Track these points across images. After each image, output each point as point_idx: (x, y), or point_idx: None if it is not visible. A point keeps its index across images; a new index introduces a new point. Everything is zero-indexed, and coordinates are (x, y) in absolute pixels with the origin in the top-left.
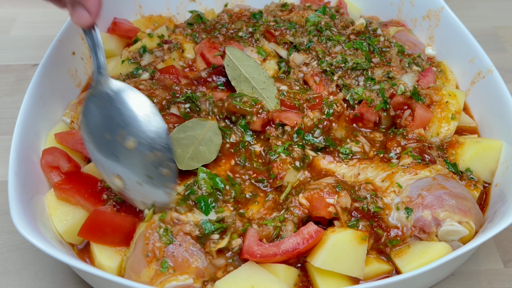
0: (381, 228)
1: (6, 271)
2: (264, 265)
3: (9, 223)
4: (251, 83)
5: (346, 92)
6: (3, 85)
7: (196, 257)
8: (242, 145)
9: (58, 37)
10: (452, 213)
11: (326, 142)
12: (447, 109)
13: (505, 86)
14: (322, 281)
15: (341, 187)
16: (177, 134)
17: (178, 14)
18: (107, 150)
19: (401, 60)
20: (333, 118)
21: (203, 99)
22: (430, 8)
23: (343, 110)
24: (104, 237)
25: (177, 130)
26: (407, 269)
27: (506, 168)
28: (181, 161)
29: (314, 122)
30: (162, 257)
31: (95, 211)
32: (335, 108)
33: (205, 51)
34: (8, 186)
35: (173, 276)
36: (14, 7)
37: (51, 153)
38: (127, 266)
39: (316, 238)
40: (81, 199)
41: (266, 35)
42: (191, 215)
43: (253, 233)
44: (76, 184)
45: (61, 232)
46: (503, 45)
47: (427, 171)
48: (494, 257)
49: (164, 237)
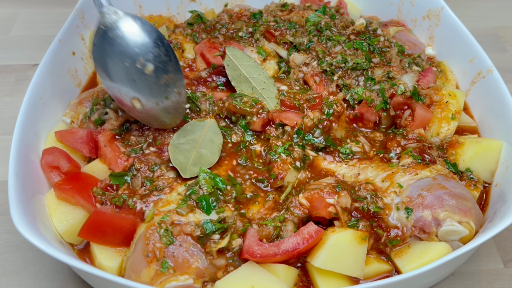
0: (381, 228)
1: (6, 271)
2: (264, 265)
3: (9, 223)
4: (251, 83)
5: (346, 92)
6: (3, 85)
7: (197, 258)
8: (243, 145)
9: (58, 37)
10: (452, 213)
11: (326, 142)
12: (447, 109)
13: (505, 86)
14: (322, 281)
15: (341, 187)
16: (177, 140)
17: (178, 14)
18: (125, 76)
19: (401, 60)
20: (333, 118)
21: (203, 99)
22: (430, 8)
23: (343, 110)
24: (104, 237)
25: (176, 136)
26: (407, 269)
27: (506, 168)
28: (184, 169)
29: (314, 122)
30: (163, 258)
31: (95, 212)
32: (335, 108)
33: (205, 51)
34: (8, 186)
35: (173, 276)
36: (14, 7)
37: (51, 153)
38: (127, 266)
39: (316, 238)
40: (81, 199)
41: (266, 35)
42: (193, 215)
43: (253, 233)
44: (76, 184)
45: (61, 232)
46: (503, 45)
47: (427, 171)
48: (494, 257)
49: (165, 238)
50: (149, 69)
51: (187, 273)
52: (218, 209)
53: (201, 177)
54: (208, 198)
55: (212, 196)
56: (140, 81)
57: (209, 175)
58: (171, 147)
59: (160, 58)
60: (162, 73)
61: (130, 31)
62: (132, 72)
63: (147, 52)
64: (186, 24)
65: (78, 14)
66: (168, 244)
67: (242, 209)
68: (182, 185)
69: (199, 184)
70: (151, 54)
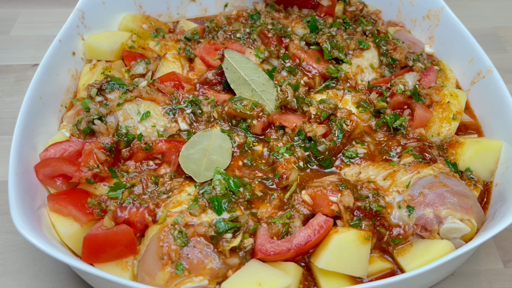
0: (383, 227)
1: (6, 271)
2: (271, 264)
3: (9, 223)
4: (251, 85)
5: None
6: (3, 85)
7: (210, 258)
8: (247, 146)
9: (58, 37)
10: (453, 211)
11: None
12: (449, 109)
13: (505, 86)
14: (325, 281)
15: (344, 186)
16: (187, 151)
17: (178, 14)
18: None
19: (406, 57)
20: (344, 139)
21: (205, 102)
22: (430, 8)
23: (356, 126)
24: (108, 255)
25: (185, 148)
26: (410, 267)
27: (506, 168)
28: (197, 175)
29: (313, 136)
30: (177, 260)
31: (86, 238)
32: (345, 128)
33: (204, 54)
34: (8, 186)
35: (188, 278)
36: (14, 7)
37: (47, 165)
38: (140, 268)
39: (326, 228)
40: (73, 208)
41: (261, 36)
42: (205, 215)
43: (264, 232)
44: (70, 195)
45: (61, 232)
46: (503, 45)
47: (429, 169)
48: (494, 257)
49: (179, 239)
50: None
51: (201, 274)
52: (229, 209)
53: (216, 178)
54: (220, 199)
55: (224, 198)
56: None
57: (224, 176)
58: (182, 158)
59: None
60: None
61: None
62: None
63: None
64: (183, 37)
65: (78, 14)
66: (182, 245)
67: (253, 208)
68: (192, 185)
69: (213, 184)
70: None
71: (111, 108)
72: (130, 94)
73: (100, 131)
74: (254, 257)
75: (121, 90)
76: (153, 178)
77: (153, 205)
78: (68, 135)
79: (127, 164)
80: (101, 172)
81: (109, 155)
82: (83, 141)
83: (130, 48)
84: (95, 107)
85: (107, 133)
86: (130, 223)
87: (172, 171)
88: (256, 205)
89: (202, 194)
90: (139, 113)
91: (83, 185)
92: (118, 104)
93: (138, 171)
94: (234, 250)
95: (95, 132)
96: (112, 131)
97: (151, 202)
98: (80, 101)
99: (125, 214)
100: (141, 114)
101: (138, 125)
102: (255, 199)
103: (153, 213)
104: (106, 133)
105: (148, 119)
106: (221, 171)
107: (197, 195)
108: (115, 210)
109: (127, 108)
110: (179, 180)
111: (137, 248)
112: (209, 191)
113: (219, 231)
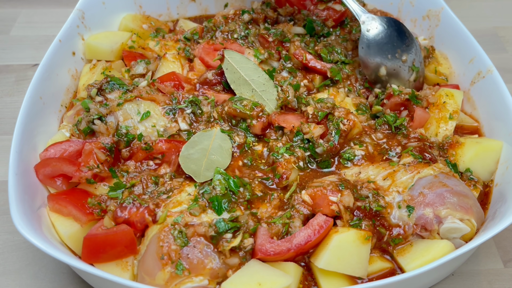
0: (383, 227)
1: (6, 271)
2: (271, 264)
3: (9, 223)
4: (251, 85)
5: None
6: (3, 85)
7: (210, 258)
8: (247, 146)
9: (58, 37)
10: (453, 211)
11: (326, 158)
12: (445, 109)
13: (505, 86)
14: (324, 281)
15: (344, 186)
16: (186, 151)
17: (178, 14)
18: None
19: None
20: (341, 139)
21: (205, 102)
22: (430, 8)
23: (353, 125)
24: (108, 255)
25: (185, 148)
26: (410, 267)
27: (506, 168)
28: (197, 175)
29: (311, 138)
30: (178, 260)
31: (86, 238)
32: (342, 127)
33: (203, 54)
34: (8, 186)
35: (188, 278)
36: (14, 7)
37: (47, 165)
38: (140, 268)
39: (326, 228)
40: (73, 208)
41: (260, 40)
42: (205, 215)
43: (264, 232)
44: (70, 195)
45: (61, 232)
46: (503, 45)
47: (429, 169)
48: (494, 257)
49: (179, 239)
50: (404, 59)
51: (201, 274)
52: (229, 209)
53: (216, 178)
54: (220, 199)
55: (224, 198)
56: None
57: (224, 176)
58: (182, 158)
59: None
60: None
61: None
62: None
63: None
64: (183, 37)
65: (78, 14)
66: (182, 245)
67: (253, 208)
68: (192, 185)
69: (213, 184)
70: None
71: (111, 108)
72: (130, 94)
73: (100, 131)
74: (254, 257)
75: (121, 90)
76: (153, 178)
77: (153, 205)
78: (68, 135)
79: (127, 164)
80: (101, 172)
81: (109, 155)
82: (83, 141)
83: (130, 48)
84: (95, 107)
85: (107, 133)
86: (130, 223)
87: (172, 171)
88: (256, 205)
89: (202, 194)
90: (139, 113)
91: (83, 185)
92: (118, 104)
93: (138, 171)
94: (234, 250)
95: (95, 132)
96: (112, 131)
97: (151, 202)
98: (80, 101)
99: (125, 214)
100: (141, 114)
101: (138, 125)
102: (255, 199)
103: (153, 213)
104: (106, 133)
105: (148, 119)
106: (221, 171)
107: (197, 195)
108: (115, 210)
109: (127, 108)
110: (179, 180)
111: (137, 248)
112: (209, 191)
113: (219, 231)
